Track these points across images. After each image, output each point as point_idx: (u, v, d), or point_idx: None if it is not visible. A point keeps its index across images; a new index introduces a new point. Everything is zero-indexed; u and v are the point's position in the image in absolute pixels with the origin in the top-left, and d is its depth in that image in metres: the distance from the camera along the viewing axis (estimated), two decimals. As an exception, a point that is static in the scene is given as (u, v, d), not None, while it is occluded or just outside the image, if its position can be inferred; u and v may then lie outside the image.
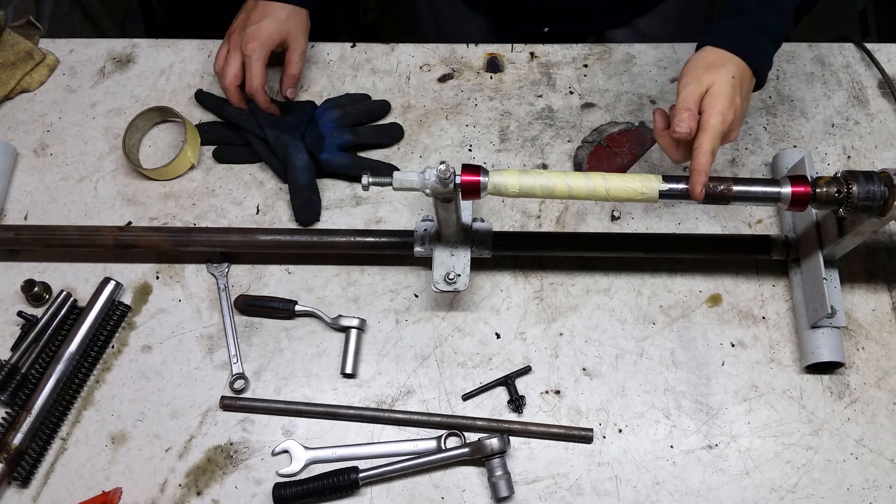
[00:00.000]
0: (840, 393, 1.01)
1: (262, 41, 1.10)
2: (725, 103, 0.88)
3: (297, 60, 1.14)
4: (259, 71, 1.10)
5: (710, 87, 0.89)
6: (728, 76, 0.89)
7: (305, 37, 1.16)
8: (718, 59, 0.91)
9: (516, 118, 1.21)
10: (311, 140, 1.14)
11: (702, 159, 0.86)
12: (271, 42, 1.11)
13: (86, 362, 1.03)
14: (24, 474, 0.97)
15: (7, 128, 1.22)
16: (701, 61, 0.92)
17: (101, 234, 1.07)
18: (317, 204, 1.13)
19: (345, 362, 1.03)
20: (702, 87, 0.89)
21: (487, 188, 0.88)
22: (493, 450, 0.94)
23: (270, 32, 1.11)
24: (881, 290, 1.07)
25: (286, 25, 1.12)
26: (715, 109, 0.88)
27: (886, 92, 1.22)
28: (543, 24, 1.35)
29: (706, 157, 0.87)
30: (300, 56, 1.14)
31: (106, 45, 1.30)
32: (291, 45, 1.14)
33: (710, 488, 0.96)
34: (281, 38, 1.12)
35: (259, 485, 0.97)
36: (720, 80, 0.89)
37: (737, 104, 0.89)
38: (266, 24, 1.11)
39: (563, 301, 1.07)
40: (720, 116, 0.87)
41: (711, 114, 0.88)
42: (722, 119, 0.87)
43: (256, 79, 1.10)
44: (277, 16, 1.11)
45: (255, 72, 1.10)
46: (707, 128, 0.87)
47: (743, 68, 0.91)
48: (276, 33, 1.11)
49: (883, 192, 0.86)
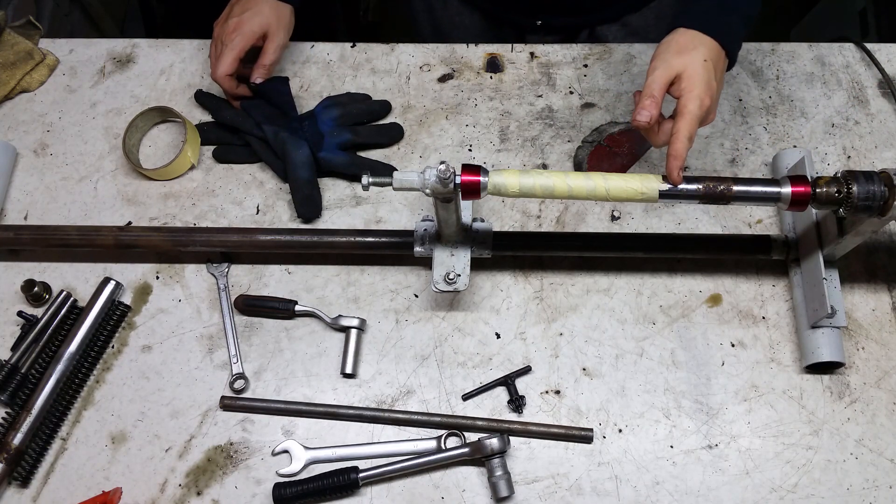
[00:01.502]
0: (840, 393, 1.01)
1: (241, 32, 1.11)
2: (702, 87, 0.87)
3: (272, 51, 1.14)
4: (229, 59, 1.11)
5: (684, 72, 0.88)
6: (700, 59, 0.89)
7: (286, 31, 1.16)
8: (690, 41, 0.91)
9: (516, 118, 1.21)
10: (311, 138, 1.14)
11: (678, 145, 0.86)
12: (251, 34, 1.12)
13: (86, 362, 1.03)
14: (24, 474, 0.97)
15: (7, 128, 1.22)
16: (672, 45, 0.91)
17: (101, 234, 1.07)
18: (318, 199, 1.13)
19: (345, 362, 1.03)
20: (671, 71, 0.89)
21: (487, 188, 0.88)
22: (493, 450, 0.94)
23: (251, 25, 1.12)
24: (881, 290, 1.07)
25: (267, 19, 1.13)
26: (692, 94, 0.87)
27: (886, 92, 1.22)
28: (536, 17, 1.36)
29: (683, 142, 0.86)
30: (276, 48, 1.14)
31: (106, 45, 1.30)
32: (269, 37, 1.14)
33: (710, 488, 0.96)
34: (261, 30, 1.13)
35: (259, 485, 0.97)
36: (693, 63, 0.88)
37: (713, 87, 0.89)
38: (247, 16, 1.12)
39: (563, 301, 1.07)
40: (697, 101, 0.87)
41: (689, 98, 0.87)
42: (699, 104, 0.87)
43: (222, 66, 1.11)
44: (260, 10, 1.12)
45: (224, 59, 1.11)
46: (685, 113, 0.87)
47: (716, 50, 0.91)
48: (258, 26, 1.12)
49: (883, 192, 0.86)
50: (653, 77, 0.89)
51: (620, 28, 1.37)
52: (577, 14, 1.36)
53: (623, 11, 1.35)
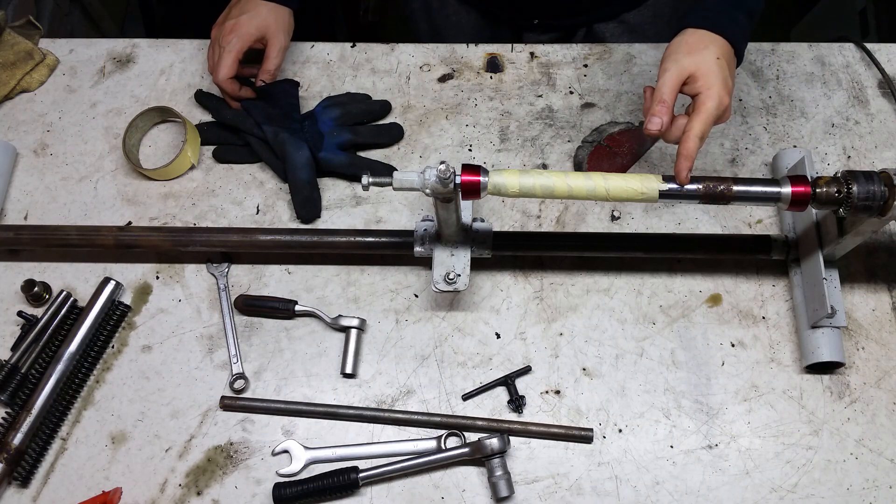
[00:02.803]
0: (840, 393, 1.01)
1: (238, 35, 1.11)
2: (720, 84, 0.87)
3: (275, 56, 1.14)
4: (228, 62, 1.11)
5: (697, 70, 0.88)
6: (713, 57, 0.88)
7: (286, 34, 1.16)
8: (700, 41, 0.90)
9: (516, 118, 1.21)
10: (311, 138, 1.14)
11: (690, 144, 0.85)
12: (248, 36, 1.12)
13: (86, 362, 1.03)
14: (24, 474, 0.97)
15: (7, 128, 1.22)
16: (682, 45, 0.90)
17: (101, 234, 1.07)
18: (318, 200, 1.13)
19: (345, 362, 1.03)
20: (683, 72, 0.88)
21: (487, 188, 0.88)
22: (493, 450, 0.94)
23: (248, 27, 1.12)
24: (881, 290, 1.07)
25: (265, 21, 1.13)
26: (711, 92, 0.86)
27: (886, 92, 1.22)
28: (533, 15, 1.36)
29: (694, 142, 0.85)
30: (278, 52, 1.14)
31: (106, 45, 1.30)
32: (270, 40, 1.14)
33: (710, 488, 0.96)
34: (259, 33, 1.13)
35: (259, 485, 0.97)
36: (706, 61, 0.88)
37: (729, 85, 0.89)
38: (244, 19, 1.12)
39: (563, 301, 1.07)
40: (716, 99, 0.86)
41: (708, 96, 0.86)
42: (718, 102, 0.86)
43: (223, 69, 1.11)
44: (258, 13, 1.13)
45: (224, 62, 1.11)
46: (702, 111, 0.86)
47: (726, 48, 0.91)
48: (255, 28, 1.12)
49: (883, 192, 0.86)
50: (664, 79, 0.88)
51: (618, 26, 1.37)
52: (574, 12, 1.36)
53: (620, 9, 1.35)
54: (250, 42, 1.13)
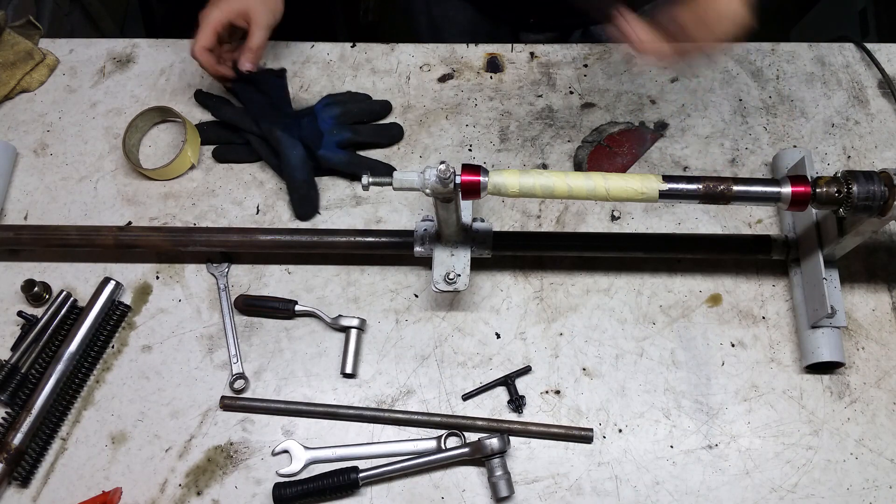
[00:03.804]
0: (840, 393, 1.01)
1: (220, 8, 1.09)
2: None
3: (258, 33, 1.11)
4: (205, 32, 1.09)
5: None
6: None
7: (270, 12, 1.12)
8: None
9: (516, 118, 1.21)
10: (310, 135, 1.13)
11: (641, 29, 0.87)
12: (228, 10, 1.10)
13: (86, 362, 1.03)
14: (24, 474, 0.97)
15: (7, 128, 1.22)
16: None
17: (101, 234, 1.07)
18: (315, 198, 1.13)
19: (345, 362, 1.03)
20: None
21: (487, 188, 0.88)
22: (493, 450, 0.94)
23: (230, 2, 1.10)
24: (881, 290, 1.07)
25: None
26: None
27: (886, 92, 1.22)
28: (530, 14, 1.35)
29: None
30: (261, 29, 1.11)
31: (106, 45, 1.30)
32: (253, 17, 1.11)
33: (710, 488, 0.96)
34: (241, 7, 1.10)
35: (259, 485, 0.97)
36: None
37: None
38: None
39: (563, 301, 1.07)
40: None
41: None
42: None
43: (200, 40, 1.09)
44: None
45: (201, 33, 1.09)
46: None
47: None
48: (237, 2, 1.10)
49: (883, 192, 0.86)
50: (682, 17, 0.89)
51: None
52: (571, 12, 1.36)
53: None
54: (231, 16, 1.10)
